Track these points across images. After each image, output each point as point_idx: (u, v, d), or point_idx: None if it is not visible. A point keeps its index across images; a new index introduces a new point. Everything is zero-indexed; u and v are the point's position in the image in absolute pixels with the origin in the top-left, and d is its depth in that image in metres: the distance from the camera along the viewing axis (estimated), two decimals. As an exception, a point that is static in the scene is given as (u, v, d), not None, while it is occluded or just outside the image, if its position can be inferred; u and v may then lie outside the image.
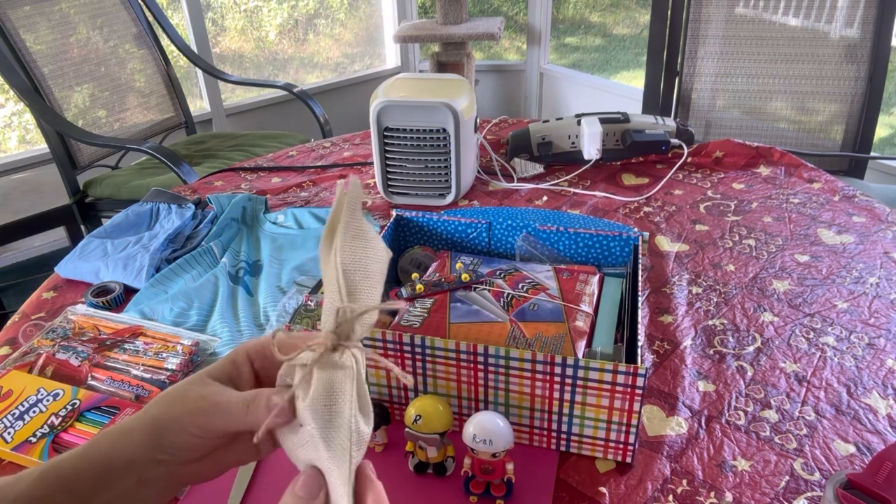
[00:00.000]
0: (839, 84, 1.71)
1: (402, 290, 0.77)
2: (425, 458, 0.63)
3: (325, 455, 0.37)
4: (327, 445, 0.37)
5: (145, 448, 0.41)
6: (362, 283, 0.38)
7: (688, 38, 1.79)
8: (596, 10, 4.43)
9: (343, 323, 0.38)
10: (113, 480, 0.41)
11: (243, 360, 0.44)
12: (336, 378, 0.38)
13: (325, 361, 0.38)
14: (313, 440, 0.37)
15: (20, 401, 0.72)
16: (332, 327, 0.38)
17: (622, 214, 1.15)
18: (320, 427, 0.37)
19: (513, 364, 0.63)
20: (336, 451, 0.37)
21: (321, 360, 0.38)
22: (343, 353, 0.39)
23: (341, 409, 0.37)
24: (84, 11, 2.04)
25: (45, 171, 2.42)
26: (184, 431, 0.41)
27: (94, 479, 0.41)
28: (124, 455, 0.41)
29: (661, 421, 0.71)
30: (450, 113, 1.09)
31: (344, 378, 0.38)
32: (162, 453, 0.41)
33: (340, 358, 0.38)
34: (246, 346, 0.45)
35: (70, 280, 1.00)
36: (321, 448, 0.37)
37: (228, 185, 1.31)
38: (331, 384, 0.38)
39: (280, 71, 3.29)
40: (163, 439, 0.41)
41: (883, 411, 0.71)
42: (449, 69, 2.96)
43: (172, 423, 0.41)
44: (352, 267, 0.38)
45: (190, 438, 0.41)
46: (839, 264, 0.98)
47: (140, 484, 0.42)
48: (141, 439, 0.41)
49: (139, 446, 0.41)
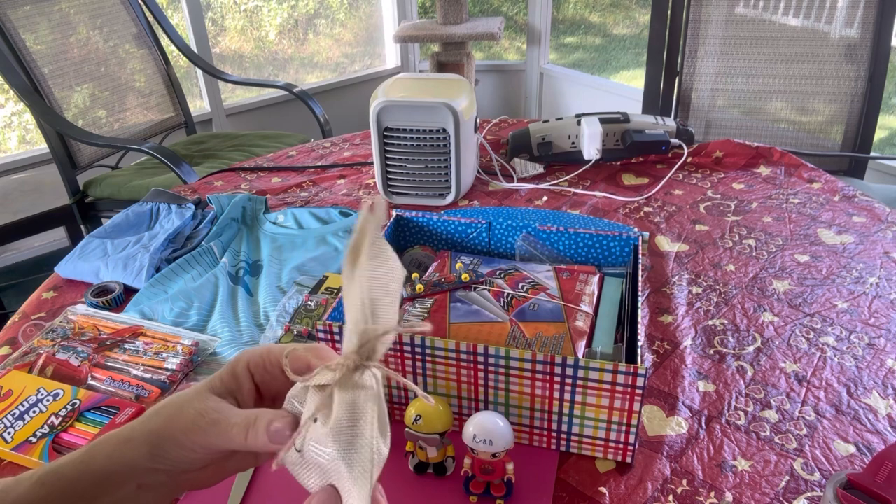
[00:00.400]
0: (839, 84, 1.71)
1: (402, 290, 0.77)
2: (425, 458, 0.63)
3: (347, 476, 0.37)
4: (349, 468, 0.37)
5: (145, 457, 0.41)
6: (383, 303, 0.38)
7: (688, 38, 1.79)
8: (596, 10, 4.43)
9: (366, 343, 0.38)
10: (113, 486, 0.41)
11: (244, 373, 0.44)
12: (359, 399, 0.37)
13: (346, 382, 0.38)
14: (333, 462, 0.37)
15: (20, 401, 0.72)
16: (355, 347, 0.38)
17: (622, 214, 1.15)
18: (343, 450, 0.37)
19: (513, 364, 0.63)
20: (357, 472, 0.37)
21: (342, 382, 0.38)
22: (364, 373, 0.38)
23: (363, 431, 0.37)
24: (84, 11, 2.04)
25: (45, 171, 2.42)
26: (181, 447, 0.41)
27: (93, 485, 0.41)
28: (125, 462, 0.41)
29: (661, 421, 0.71)
30: (450, 113, 1.09)
31: (366, 399, 0.38)
32: (160, 464, 0.41)
33: (361, 378, 0.38)
34: (247, 358, 0.44)
35: (70, 280, 1.00)
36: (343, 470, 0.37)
37: (228, 185, 1.31)
38: (353, 406, 0.37)
39: (280, 71, 3.29)
40: (160, 451, 0.41)
41: (883, 411, 0.71)
42: (449, 69, 2.96)
43: (169, 438, 0.41)
44: (376, 286, 0.38)
45: (187, 453, 0.41)
46: (839, 264, 0.98)
47: (140, 489, 0.42)
48: (139, 449, 0.41)
49: (139, 455, 0.41)
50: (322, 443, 0.37)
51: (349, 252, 0.40)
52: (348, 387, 0.38)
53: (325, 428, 0.37)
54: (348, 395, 0.37)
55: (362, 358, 0.38)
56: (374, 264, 0.38)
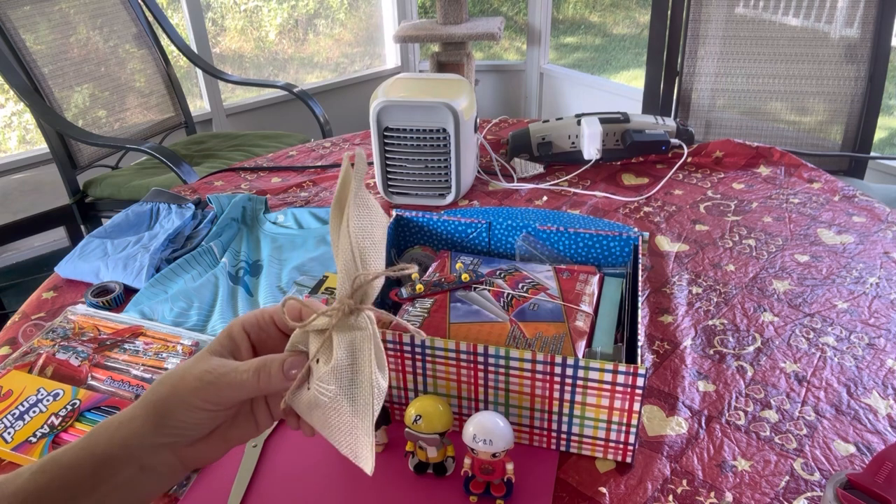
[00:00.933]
0: (839, 84, 1.71)
1: (402, 290, 0.77)
2: (425, 458, 0.63)
3: (349, 411, 0.39)
4: (351, 402, 0.39)
5: (148, 434, 0.41)
6: (370, 250, 0.41)
7: (688, 38, 1.79)
8: (596, 9, 4.43)
9: (359, 288, 0.40)
10: (114, 470, 0.41)
11: (240, 333, 0.45)
12: (356, 340, 0.40)
13: (343, 325, 0.40)
14: (335, 399, 0.40)
15: (20, 401, 0.72)
16: (349, 293, 0.40)
17: (622, 214, 1.15)
18: (345, 387, 0.39)
19: (513, 364, 0.63)
20: (360, 406, 0.39)
21: (339, 325, 0.40)
22: (359, 316, 0.41)
23: (362, 367, 0.40)
24: (84, 11, 2.04)
25: (45, 171, 2.42)
26: (191, 408, 0.41)
27: (94, 470, 0.41)
28: (127, 441, 0.41)
29: (661, 421, 0.71)
30: (450, 113, 1.09)
31: (363, 339, 0.40)
32: (166, 437, 0.41)
33: (356, 320, 0.41)
34: (241, 320, 0.46)
35: (70, 280, 1.00)
36: (345, 406, 0.40)
37: (228, 185, 1.31)
38: (352, 346, 0.40)
39: (280, 71, 3.29)
40: (168, 421, 0.41)
41: (883, 411, 0.71)
42: (449, 69, 2.96)
43: (177, 403, 0.41)
44: (362, 234, 0.40)
45: (197, 413, 0.42)
46: (839, 264, 0.98)
47: (143, 471, 0.42)
48: (143, 426, 0.41)
49: (141, 434, 0.41)
50: (325, 381, 0.40)
51: (334, 204, 0.42)
52: (345, 329, 0.40)
53: (326, 367, 0.40)
54: (346, 336, 0.40)
55: (356, 302, 0.41)
56: (359, 214, 0.40)
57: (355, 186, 0.40)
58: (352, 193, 0.40)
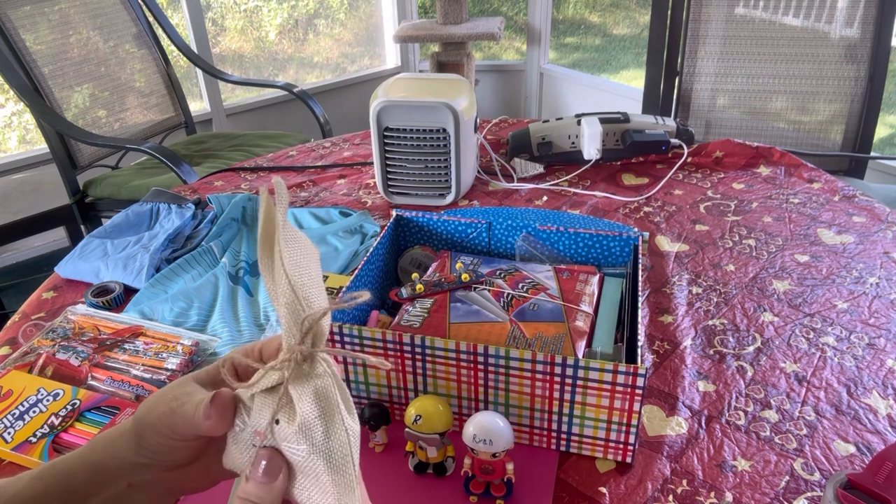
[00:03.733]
0: (839, 84, 1.71)
1: (402, 290, 0.77)
2: (425, 458, 0.63)
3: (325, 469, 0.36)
4: (328, 459, 0.36)
5: (130, 452, 0.40)
6: (310, 286, 0.37)
7: (688, 38, 1.79)
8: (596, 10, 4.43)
9: (308, 330, 0.36)
10: (107, 483, 0.41)
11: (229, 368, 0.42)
12: (319, 388, 0.36)
13: (298, 375, 0.36)
14: (309, 459, 0.36)
15: (20, 401, 0.72)
16: (298, 338, 0.36)
17: (622, 214, 1.15)
18: (319, 443, 0.36)
19: (513, 364, 0.63)
20: (337, 460, 0.36)
21: (294, 377, 0.36)
22: (314, 361, 0.37)
23: (333, 416, 0.36)
24: (84, 11, 2.04)
25: (45, 171, 2.42)
26: (157, 433, 0.39)
27: (88, 479, 0.41)
28: (116, 455, 0.41)
29: (661, 421, 0.71)
30: (450, 113, 1.08)
31: (325, 386, 0.36)
32: (143, 457, 0.40)
33: (312, 367, 0.37)
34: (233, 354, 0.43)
35: (70, 280, 1.00)
36: (320, 465, 0.36)
37: (228, 185, 1.31)
38: (316, 396, 0.36)
39: (280, 71, 3.29)
40: (142, 442, 0.40)
41: (883, 411, 0.71)
42: (449, 69, 2.96)
43: (148, 426, 0.40)
44: (298, 271, 0.36)
45: (164, 441, 0.40)
46: (839, 264, 0.98)
47: (131, 488, 0.41)
48: (127, 443, 0.40)
49: (128, 448, 0.40)
50: (292, 441, 0.36)
51: (261, 243, 0.38)
52: (302, 379, 0.36)
53: (292, 426, 0.36)
54: (306, 386, 0.36)
55: (308, 346, 0.36)
56: (289, 249, 0.36)
57: (280, 220, 0.36)
58: (278, 228, 0.36)
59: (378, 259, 0.83)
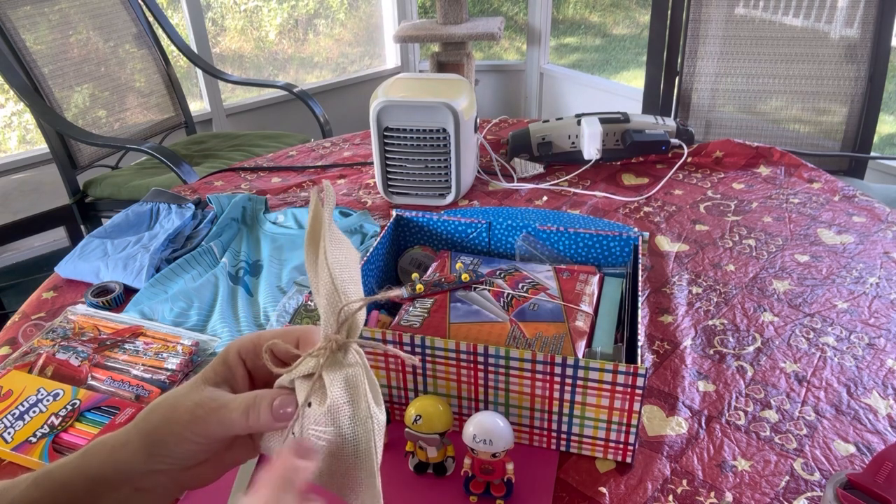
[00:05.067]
0: (839, 84, 1.71)
1: (403, 290, 0.77)
2: (425, 458, 0.63)
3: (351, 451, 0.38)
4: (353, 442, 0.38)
5: (141, 461, 0.41)
6: (349, 283, 0.40)
7: (688, 38, 1.79)
8: (596, 10, 4.43)
9: (345, 321, 0.39)
10: (108, 490, 0.41)
11: (235, 360, 0.44)
12: (349, 375, 0.39)
13: (332, 363, 0.39)
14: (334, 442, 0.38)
15: (20, 401, 0.72)
16: (335, 328, 0.39)
17: (622, 214, 1.15)
18: (345, 425, 0.38)
19: (513, 364, 0.63)
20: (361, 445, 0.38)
21: (328, 364, 0.39)
22: (348, 352, 0.40)
23: (359, 403, 0.38)
24: (84, 11, 2.04)
25: (45, 171, 2.42)
26: (183, 441, 0.41)
27: (88, 488, 0.41)
28: (120, 466, 0.41)
29: (661, 421, 0.71)
30: (450, 113, 1.08)
31: (355, 374, 0.39)
32: (160, 464, 0.41)
33: (345, 357, 0.39)
34: (237, 346, 0.44)
35: (70, 280, 1.00)
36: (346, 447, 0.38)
37: (228, 185, 1.31)
38: (346, 383, 0.39)
39: (280, 71, 3.29)
40: (160, 451, 0.41)
41: (883, 411, 0.71)
42: (449, 69, 2.96)
43: (168, 435, 0.40)
44: (339, 268, 0.39)
45: (190, 447, 0.41)
46: (839, 264, 0.98)
47: (137, 491, 0.42)
48: (136, 453, 0.41)
49: (134, 459, 0.41)
50: (321, 423, 0.39)
51: (308, 240, 0.41)
52: (336, 367, 0.39)
53: (321, 408, 0.38)
54: (338, 374, 0.39)
55: (343, 336, 0.39)
56: (333, 247, 0.40)
57: (327, 220, 0.39)
58: (325, 227, 0.39)
59: (378, 259, 0.83)
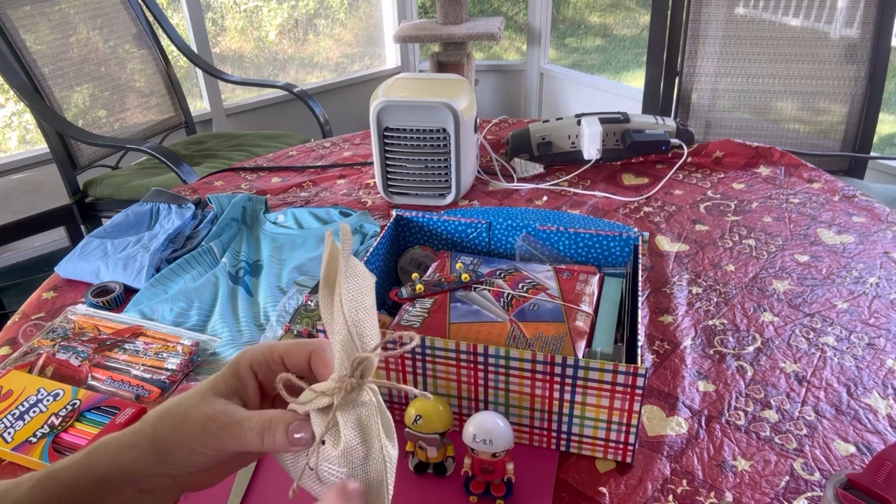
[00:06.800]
0: (839, 84, 1.71)
1: (402, 290, 0.77)
2: (425, 458, 0.63)
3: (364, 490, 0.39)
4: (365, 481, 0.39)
5: (148, 465, 0.41)
6: (365, 321, 0.40)
7: (688, 38, 1.79)
8: (596, 10, 4.43)
9: (358, 366, 0.39)
10: (113, 490, 0.41)
11: (247, 373, 0.43)
12: (362, 416, 0.39)
13: (346, 403, 0.39)
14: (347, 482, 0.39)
15: (20, 401, 0.72)
16: (349, 371, 0.39)
17: (622, 214, 1.15)
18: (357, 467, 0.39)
19: (513, 364, 0.63)
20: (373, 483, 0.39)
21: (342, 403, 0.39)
22: (361, 391, 0.40)
23: (372, 443, 0.39)
24: (84, 11, 2.04)
25: (45, 171, 2.42)
26: (193, 452, 0.41)
27: (92, 489, 0.41)
28: (125, 468, 0.41)
29: (661, 421, 0.71)
30: (450, 113, 1.08)
31: (369, 414, 0.39)
32: (166, 469, 0.41)
33: (359, 396, 0.40)
34: (248, 358, 0.44)
35: (70, 280, 1.00)
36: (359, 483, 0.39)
37: (228, 185, 1.31)
38: (359, 424, 0.39)
39: (280, 71, 3.29)
40: (168, 458, 0.41)
41: (883, 411, 0.71)
42: (449, 69, 2.96)
43: (178, 445, 0.41)
44: (354, 307, 0.39)
45: (199, 458, 0.41)
46: (839, 264, 0.98)
47: (142, 492, 0.42)
48: (142, 456, 0.41)
49: (140, 462, 0.41)
50: (335, 463, 0.39)
51: (323, 281, 0.41)
52: (349, 406, 0.39)
53: (336, 450, 0.39)
54: (351, 414, 0.39)
55: (357, 377, 0.39)
56: (349, 286, 0.39)
57: (343, 261, 0.39)
58: (341, 270, 0.39)
59: (378, 259, 0.83)
